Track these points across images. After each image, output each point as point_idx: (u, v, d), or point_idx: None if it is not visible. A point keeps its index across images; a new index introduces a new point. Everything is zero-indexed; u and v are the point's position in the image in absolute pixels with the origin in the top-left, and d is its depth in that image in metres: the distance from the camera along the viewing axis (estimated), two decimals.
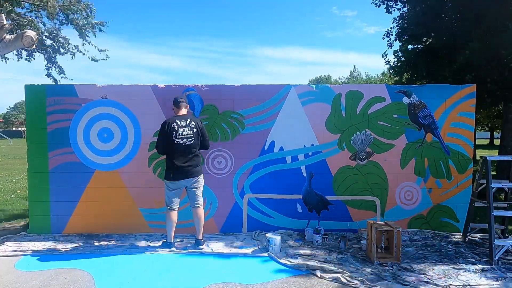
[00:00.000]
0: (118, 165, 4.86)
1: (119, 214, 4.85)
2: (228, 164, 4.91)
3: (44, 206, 4.82)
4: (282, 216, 4.95)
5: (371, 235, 3.87)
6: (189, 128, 4.13)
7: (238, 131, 4.89)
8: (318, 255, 4.04)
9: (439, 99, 4.89)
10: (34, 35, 4.38)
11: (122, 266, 3.77)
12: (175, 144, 4.05)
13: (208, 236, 4.76)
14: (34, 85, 4.86)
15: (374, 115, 4.90)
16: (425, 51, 8.50)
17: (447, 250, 4.19)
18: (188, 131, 4.12)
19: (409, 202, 4.95)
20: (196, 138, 4.16)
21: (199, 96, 4.86)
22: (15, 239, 4.62)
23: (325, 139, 4.91)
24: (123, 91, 4.85)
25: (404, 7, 9.06)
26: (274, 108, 4.89)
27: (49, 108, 4.81)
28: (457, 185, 4.93)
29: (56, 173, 4.81)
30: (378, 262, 3.78)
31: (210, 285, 3.32)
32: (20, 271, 3.64)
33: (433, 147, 4.92)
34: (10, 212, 6.19)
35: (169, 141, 4.06)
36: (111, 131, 4.86)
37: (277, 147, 4.92)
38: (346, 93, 4.89)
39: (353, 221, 4.95)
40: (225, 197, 4.91)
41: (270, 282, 3.37)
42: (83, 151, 4.84)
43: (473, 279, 3.39)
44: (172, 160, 4.07)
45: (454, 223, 4.94)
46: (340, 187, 4.93)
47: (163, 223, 4.87)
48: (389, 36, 9.76)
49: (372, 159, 4.92)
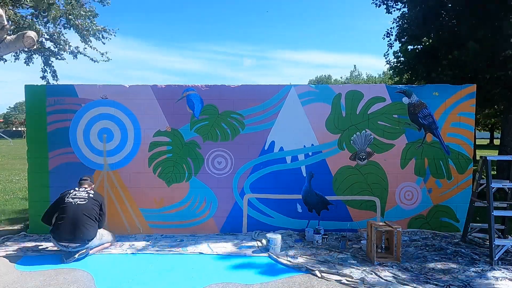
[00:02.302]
0: (118, 165, 4.86)
1: (119, 214, 4.85)
2: (228, 164, 4.91)
3: (44, 206, 4.78)
4: (282, 216, 4.96)
5: (371, 235, 3.87)
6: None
7: (238, 131, 4.89)
8: (318, 255, 4.04)
9: (439, 99, 4.89)
10: (35, 36, 4.39)
11: (122, 266, 3.77)
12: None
13: (208, 236, 4.76)
14: (34, 85, 4.87)
15: (374, 115, 4.90)
16: (425, 51, 8.51)
17: (447, 250, 4.19)
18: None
19: (409, 202, 4.95)
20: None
21: (199, 96, 4.86)
22: (15, 239, 4.62)
23: (325, 139, 4.91)
24: (123, 91, 4.85)
25: (404, 7, 9.06)
26: (274, 108, 4.89)
27: (49, 108, 4.81)
28: (457, 185, 4.93)
29: (56, 173, 4.81)
30: (378, 262, 3.78)
31: (210, 285, 3.32)
32: (20, 271, 3.64)
33: (433, 147, 4.92)
34: (10, 212, 6.19)
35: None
36: (111, 131, 4.86)
37: (277, 147, 4.92)
38: (346, 93, 4.89)
39: (353, 221, 4.95)
40: (225, 197, 4.91)
41: (270, 282, 3.37)
42: (83, 151, 4.84)
43: (473, 279, 3.39)
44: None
45: (454, 223, 4.94)
46: (340, 187, 4.93)
47: (163, 223, 4.89)
48: (389, 36, 9.77)
49: (372, 159, 4.92)
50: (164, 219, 4.89)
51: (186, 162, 4.89)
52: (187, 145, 4.88)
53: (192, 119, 4.88)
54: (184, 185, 4.89)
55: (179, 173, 4.89)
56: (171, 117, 4.86)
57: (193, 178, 4.90)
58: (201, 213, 4.91)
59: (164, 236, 4.78)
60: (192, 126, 4.88)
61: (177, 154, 4.88)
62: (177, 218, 4.89)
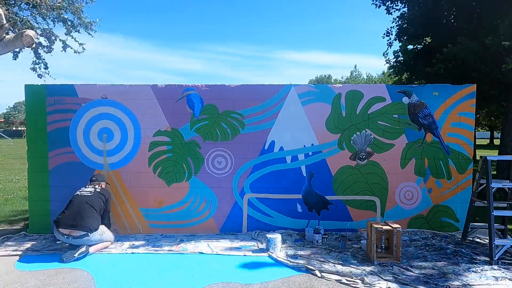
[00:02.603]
0: (118, 165, 4.86)
1: (119, 214, 4.85)
2: (228, 164, 4.91)
3: (44, 206, 4.82)
4: (282, 216, 4.95)
5: (371, 235, 3.87)
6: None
7: (238, 131, 4.89)
8: (318, 255, 4.04)
9: (439, 99, 4.88)
10: (34, 35, 4.39)
11: (122, 266, 3.77)
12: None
13: (208, 236, 4.76)
14: (34, 85, 4.87)
15: (374, 115, 4.90)
16: (424, 50, 8.51)
17: (447, 250, 4.19)
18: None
19: (409, 202, 4.95)
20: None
21: (199, 96, 4.86)
22: (15, 239, 4.62)
23: (325, 139, 4.91)
24: (123, 91, 4.85)
25: (404, 7, 9.07)
26: (274, 108, 4.89)
27: (49, 108, 4.81)
28: (457, 185, 4.93)
29: (56, 172, 4.81)
30: (378, 262, 3.78)
31: (210, 285, 3.32)
32: (20, 271, 3.64)
33: (433, 147, 4.92)
34: (10, 212, 6.19)
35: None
36: (111, 131, 4.86)
37: (277, 147, 4.92)
38: (346, 93, 4.89)
39: (353, 221, 4.95)
40: (225, 197, 4.91)
41: (270, 282, 3.37)
42: (83, 150, 4.84)
43: (473, 279, 3.39)
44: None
45: (454, 223, 4.94)
46: (340, 187, 4.93)
47: (163, 222, 4.89)
48: (389, 35, 9.79)
49: (372, 159, 4.92)
50: (164, 219, 4.89)
51: (186, 162, 4.89)
52: (187, 145, 4.88)
53: (192, 119, 4.87)
54: (184, 185, 4.89)
55: (179, 172, 4.89)
56: (171, 117, 4.86)
57: (193, 178, 4.90)
58: (201, 213, 4.92)
59: (164, 236, 4.78)
60: (192, 126, 4.88)
61: (177, 154, 4.88)
62: (177, 218, 4.89)
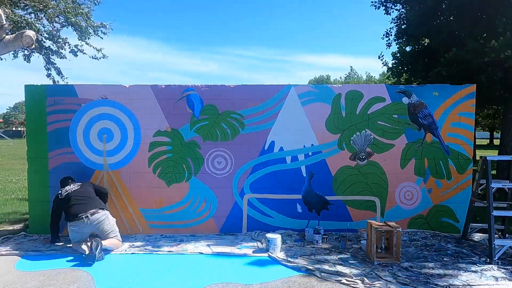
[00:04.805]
0: (118, 165, 4.86)
1: (119, 214, 4.85)
2: (228, 164, 4.91)
3: (44, 206, 4.81)
4: (282, 216, 4.95)
5: (371, 235, 3.87)
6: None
7: (238, 131, 4.89)
8: (318, 255, 4.04)
9: (439, 99, 4.89)
10: (34, 35, 4.39)
11: (122, 266, 3.77)
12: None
13: (208, 236, 4.76)
14: (34, 85, 4.87)
15: (374, 115, 4.90)
16: (423, 51, 8.50)
17: (447, 250, 4.19)
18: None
19: (409, 202, 4.95)
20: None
21: (199, 96, 4.86)
22: (15, 239, 4.62)
23: (325, 139, 4.91)
24: (123, 91, 4.85)
25: (403, 7, 9.07)
26: (274, 108, 4.89)
27: (49, 108, 4.81)
28: (457, 185, 4.93)
29: (56, 173, 4.81)
30: (378, 262, 3.78)
31: (210, 285, 3.32)
32: (20, 271, 3.64)
33: (433, 147, 4.92)
34: (10, 212, 6.19)
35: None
36: (111, 131, 4.86)
37: (277, 147, 4.92)
38: (346, 93, 4.89)
39: (353, 221, 4.95)
40: (225, 197, 4.91)
41: (270, 282, 3.37)
42: (83, 151, 4.84)
43: (473, 279, 3.39)
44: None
45: (454, 223, 4.94)
46: (340, 187, 4.93)
47: (163, 223, 4.89)
48: (388, 36, 9.77)
49: (372, 159, 4.92)
50: (164, 219, 4.89)
51: (186, 162, 4.89)
52: (187, 145, 4.88)
53: (192, 119, 4.88)
54: (184, 185, 4.89)
55: (179, 173, 4.89)
56: (171, 117, 4.86)
57: (193, 178, 4.90)
58: (201, 213, 4.91)
59: (164, 236, 4.78)
60: (192, 126, 4.88)
61: (177, 154, 4.88)
62: (177, 218, 4.89)
